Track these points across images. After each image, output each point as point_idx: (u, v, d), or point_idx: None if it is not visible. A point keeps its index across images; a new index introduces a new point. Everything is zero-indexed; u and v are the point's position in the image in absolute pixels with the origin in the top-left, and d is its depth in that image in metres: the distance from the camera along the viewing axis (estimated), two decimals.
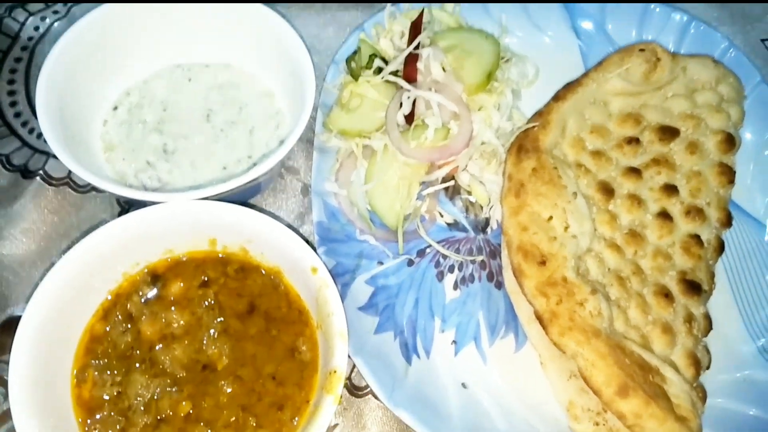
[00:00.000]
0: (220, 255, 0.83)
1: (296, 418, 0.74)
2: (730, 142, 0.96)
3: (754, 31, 1.21)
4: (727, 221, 0.93)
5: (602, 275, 0.85)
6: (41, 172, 0.97)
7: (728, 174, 0.94)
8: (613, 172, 0.94)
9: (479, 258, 0.94)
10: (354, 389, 0.86)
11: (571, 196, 0.88)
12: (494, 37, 1.02)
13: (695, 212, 0.91)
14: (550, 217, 0.86)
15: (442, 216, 0.97)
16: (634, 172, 0.93)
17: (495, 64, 0.99)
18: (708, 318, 0.87)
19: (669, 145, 0.96)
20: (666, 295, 0.84)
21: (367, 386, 0.85)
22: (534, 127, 0.95)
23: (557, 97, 0.99)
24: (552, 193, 0.87)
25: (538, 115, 0.97)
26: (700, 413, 0.78)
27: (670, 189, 0.92)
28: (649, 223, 0.90)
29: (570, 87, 1.00)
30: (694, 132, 0.97)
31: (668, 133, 0.96)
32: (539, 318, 0.80)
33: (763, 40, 1.20)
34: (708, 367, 0.84)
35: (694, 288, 0.86)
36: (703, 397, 0.81)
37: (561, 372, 0.82)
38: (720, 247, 0.91)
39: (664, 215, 0.90)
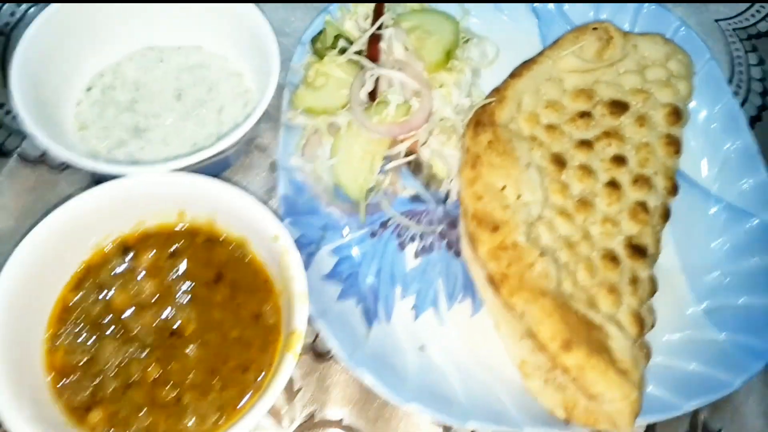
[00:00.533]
0: (189, 226, 0.87)
1: (259, 379, 0.78)
2: (677, 114, 1.01)
3: (708, 11, 1.25)
4: (674, 190, 0.97)
5: (553, 241, 0.89)
6: (17, 151, 1.01)
7: (675, 145, 0.99)
8: (566, 145, 0.98)
9: (439, 228, 0.99)
10: (318, 355, 0.90)
11: (524, 167, 0.92)
12: (454, 18, 1.06)
13: (642, 181, 0.95)
14: (504, 187, 0.91)
15: (404, 189, 1.01)
16: (586, 144, 0.98)
17: (454, 43, 1.03)
18: (653, 280, 0.91)
19: (619, 118, 1.00)
20: (613, 258, 0.89)
21: (329, 352, 0.89)
22: (491, 102, 0.99)
23: (514, 74, 1.03)
24: (506, 164, 0.92)
25: (496, 91, 1.02)
26: (642, 368, 0.83)
27: (620, 160, 0.97)
28: (599, 191, 0.94)
29: (526, 65, 1.04)
30: (643, 106, 1.01)
31: (619, 107, 1.00)
32: (491, 280, 0.85)
33: (716, 21, 1.25)
34: (653, 326, 0.89)
35: (639, 252, 0.90)
36: (647, 354, 0.86)
37: (514, 333, 0.86)
38: (666, 214, 0.96)
39: (613, 184, 0.95)
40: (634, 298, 0.88)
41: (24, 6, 1.14)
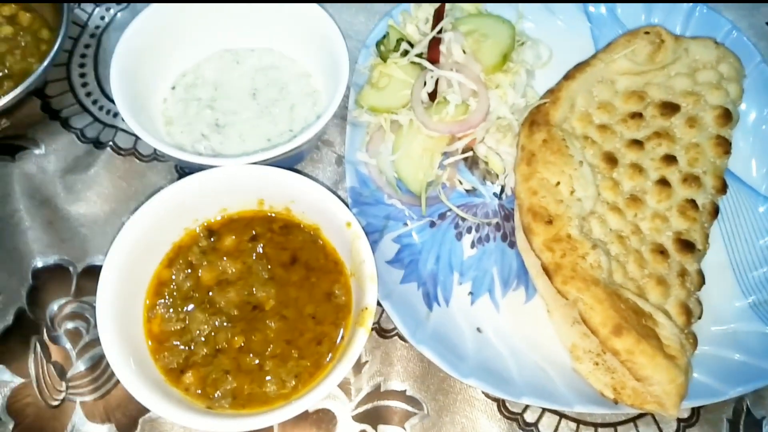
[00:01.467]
0: (267, 214, 0.96)
1: (332, 351, 0.86)
2: (727, 116, 1.04)
3: (759, 14, 1.28)
4: (722, 188, 1.01)
5: (604, 234, 0.95)
6: (111, 143, 1.11)
7: (724, 145, 1.03)
8: (618, 144, 1.03)
9: (494, 220, 1.05)
10: (382, 331, 0.98)
11: (577, 165, 0.98)
12: (510, 22, 1.12)
13: (692, 179, 1.00)
14: (558, 183, 0.97)
15: (461, 183, 1.08)
16: (637, 143, 1.03)
17: (510, 47, 1.09)
18: (701, 274, 0.96)
19: (670, 119, 1.05)
20: (662, 252, 0.94)
21: (393, 329, 0.97)
22: (545, 103, 1.05)
23: (567, 76, 1.09)
24: (560, 162, 0.98)
25: (550, 92, 1.07)
26: (688, 354, 0.88)
27: (670, 159, 1.01)
28: (649, 189, 0.99)
29: (580, 67, 1.10)
30: (694, 107, 1.06)
31: (669, 108, 1.05)
32: (545, 269, 0.91)
33: (767, 23, 1.27)
34: (700, 317, 0.94)
35: (688, 246, 0.95)
36: (694, 343, 0.91)
37: (565, 319, 0.92)
38: (714, 211, 1.00)
39: (663, 182, 0.99)
40: (682, 290, 0.92)
41: (112, 11, 1.25)
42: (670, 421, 0.92)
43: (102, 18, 1.24)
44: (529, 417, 0.93)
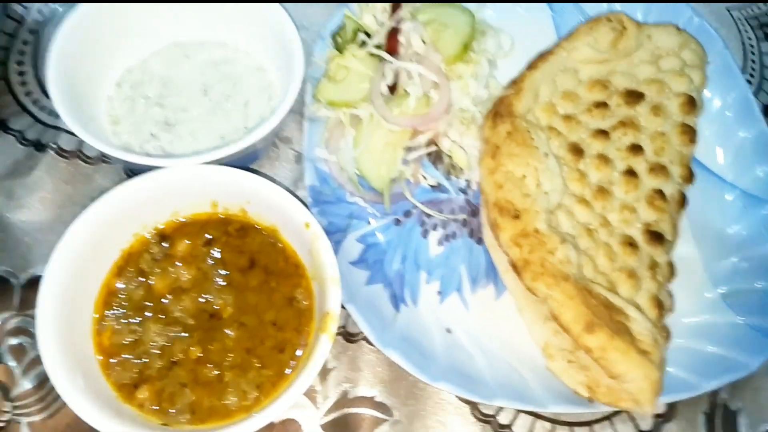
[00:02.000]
0: (222, 216, 0.91)
1: (294, 359, 0.82)
2: (692, 104, 1.03)
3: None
4: (689, 177, 1.00)
5: (572, 227, 0.92)
6: (54, 145, 1.04)
7: (690, 134, 1.02)
8: (583, 134, 1.01)
9: (461, 216, 1.02)
10: (348, 336, 0.94)
11: (543, 157, 0.95)
12: (470, 11, 1.09)
13: (659, 169, 0.98)
14: (524, 176, 0.94)
15: (425, 179, 1.05)
16: (603, 133, 1.00)
17: (471, 36, 1.06)
18: (671, 265, 0.94)
19: (635, 108, 1.03)
20: (631, 244, 0.92)
21: (360, 333, 0.93)
22: (509, 94, 1.02)
23: (530, 65, 1.06)
24: (525, 154, 0.95)
25: (513, 83, 1.04)
26: (662, 348, 0.86)
27: (636, 148, 0.99)
28: (616, 180, 0.97)
29: (542, 56, 1.07)
30: (658, 95, 1.04)
31: (634, 96, 1.03)
32: (513, 266, 0.88)
33: (728, 9, 1.27)
34: (671, 310, 0.92)
35: (657, 238, 0.93)
36: (667, 336, 0.89)
37: (537, 316, 0.90)
38: (682, 201, 0.99)
39: (630, 172, 0.98)
40: (653, 283, 0.91)
41: (52, 5, 1.17)
42: (646, 417, 0.91)
43: (40, 12, 1.16)
44: (503, 419, 0.90)
